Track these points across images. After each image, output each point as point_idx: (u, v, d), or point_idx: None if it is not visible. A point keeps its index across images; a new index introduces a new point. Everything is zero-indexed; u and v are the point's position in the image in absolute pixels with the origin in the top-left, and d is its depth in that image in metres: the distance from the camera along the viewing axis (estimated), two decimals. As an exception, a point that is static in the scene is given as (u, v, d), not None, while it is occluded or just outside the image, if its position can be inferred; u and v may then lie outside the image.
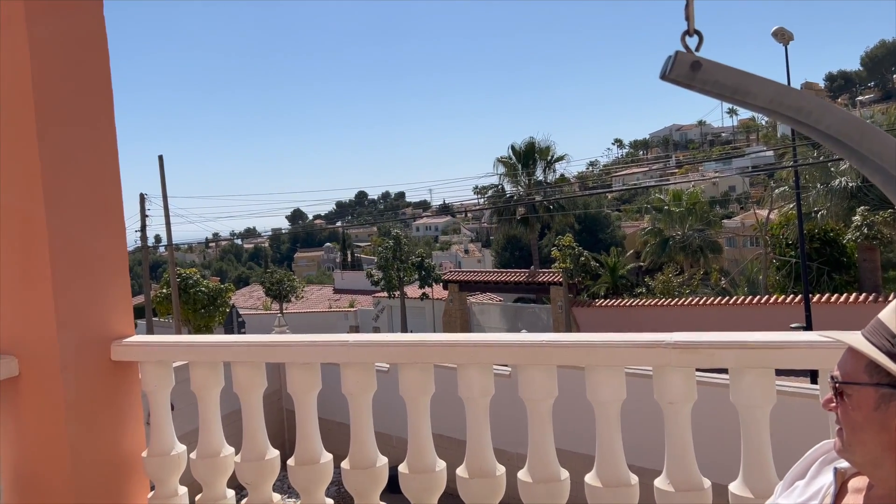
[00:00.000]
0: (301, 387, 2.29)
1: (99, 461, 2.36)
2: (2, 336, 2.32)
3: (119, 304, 2.48)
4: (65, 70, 2.34)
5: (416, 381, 2.14)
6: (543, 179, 33.01)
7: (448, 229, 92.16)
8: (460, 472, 2.10)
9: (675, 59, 0.96)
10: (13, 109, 2.24)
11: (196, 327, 27.56)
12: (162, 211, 25.27)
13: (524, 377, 2.02)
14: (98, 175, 2.43)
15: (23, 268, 2.27)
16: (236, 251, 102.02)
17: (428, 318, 30.31)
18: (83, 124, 2.39)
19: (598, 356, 1.93)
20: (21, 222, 2.26)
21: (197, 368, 2.40)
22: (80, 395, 2.30)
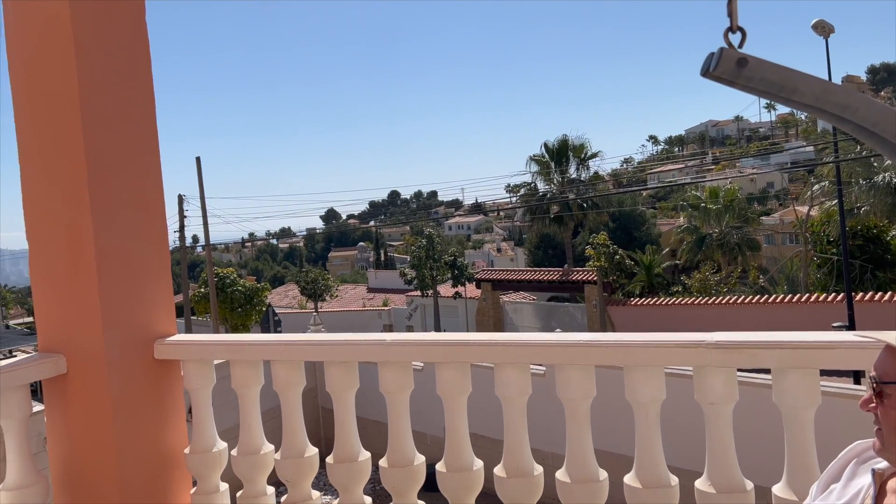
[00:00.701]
0: (339, 385, 2.31)
1: (143, 457, 2.42)
2: (51, 335, 2.39)
3: (162, 304, 2.53)
4: (109, 73, 2.39)
5: (454, 380, 2.15)
6: (577, 177, 32.76)
7: (480, 228, 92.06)
8: (498, 472, 2.11)
9: (721, 55, 0.95)
10: (60, 113, 2.31)
11: (233, 326, 28.00)
12: (199, 211, 25.71)
13: (562, 377, 2.01)
14: (141, 178, 2.49)
15: (70, 270, 2.33)
16: (272, 251, 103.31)
17: (461, 316, 30.32)
18: (127, 127, 2.45)
19: (637, 356, 1.91)
20: (68, 225, 2.32)
21: (238, 367, 2.44)
22: (125, 393, 2.36)
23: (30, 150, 2.39)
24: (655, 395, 1.95)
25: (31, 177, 2.39)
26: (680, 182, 55.41)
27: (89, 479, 2.35)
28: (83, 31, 2.28)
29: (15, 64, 2.38)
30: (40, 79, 2.35)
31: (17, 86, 2.38)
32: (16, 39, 2.37)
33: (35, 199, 2.38)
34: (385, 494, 2.34)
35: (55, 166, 2.34)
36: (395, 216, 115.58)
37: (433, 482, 2.21)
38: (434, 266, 30.88)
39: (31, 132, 2.38)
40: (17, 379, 2.26)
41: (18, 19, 2.35)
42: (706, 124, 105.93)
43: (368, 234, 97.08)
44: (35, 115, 2.37)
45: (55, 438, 2.41)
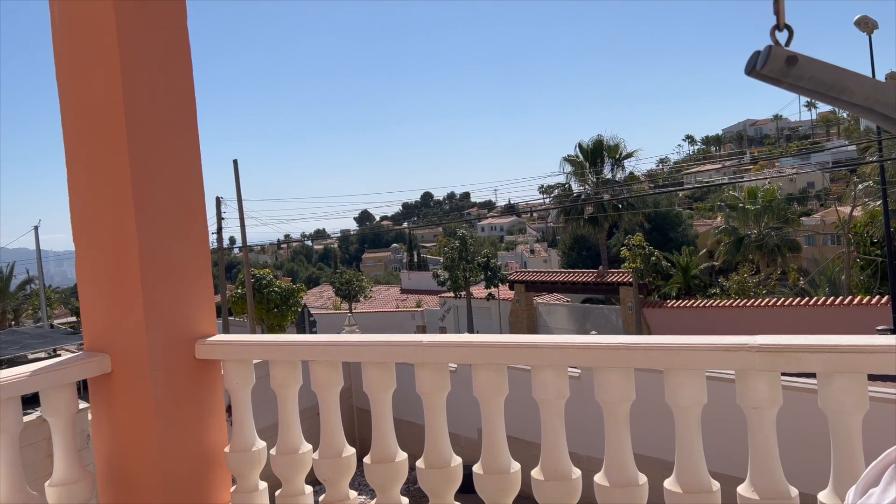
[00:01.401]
0: (376, 386, 2.33)
1: (185, 455, 2.46)
2: (96, 335, 2.45)
3: (203, 305, 2.57)
4: (152, 77, 2.44)
5: (490, 381, 2.14)
6: (612, 177, 32.45)
7: (513, 229, 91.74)
8: (535, 475, 2.09)
9: (769, 53, 0.92)
10: (105, 118, 2.36)
11: (269, 326, 28.36)
12: (237, 213, 26.10)
13: (600, 380, 2.00)
14: (183, 180, 2.53)
15: (114, 271, 2.38)
16: (307, 252, 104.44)
17: (494, 318, 30.25)
18: (170, 130, 2.49)
19: (677, 359, 1.89)
20: (112, 228, 2.38)
21: (277, 367, 2.46)
22: (166, 392, 2.41)
23: (76, 155, 2.45)
24: (696, 399, 1.92)
25: (77, 181, 2.45)
26: (717, 182, 54.53)
27: (133, 477, 2.40)
28: (127, 33, 2.33)
29: (61, 68, 2.44)
30: (86, 83, 2.41)
31: (63, 91, 2.44)
32: (62, 43, 2.43)
33: (81, 203, 2.44)
34: (421, 495, 2.35)
35: (100, 171, 2.40)
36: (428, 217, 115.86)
37: (470, 484, 2.21)
38: (467, 267, 30.87)
39: (77, 137, 2.44)
40: (64, 377, 2.32)
41: (64, 22, 2.41)
42: (744, 123, 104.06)
43: (402, 235, 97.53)
44: (81, 120, 2.43)
45: (100, 436, 2.46)
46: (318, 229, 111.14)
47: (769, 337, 1.81)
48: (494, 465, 2.15)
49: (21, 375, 2.19)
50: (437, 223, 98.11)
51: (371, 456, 2.34)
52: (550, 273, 30.86)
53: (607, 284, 25.05)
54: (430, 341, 2.22)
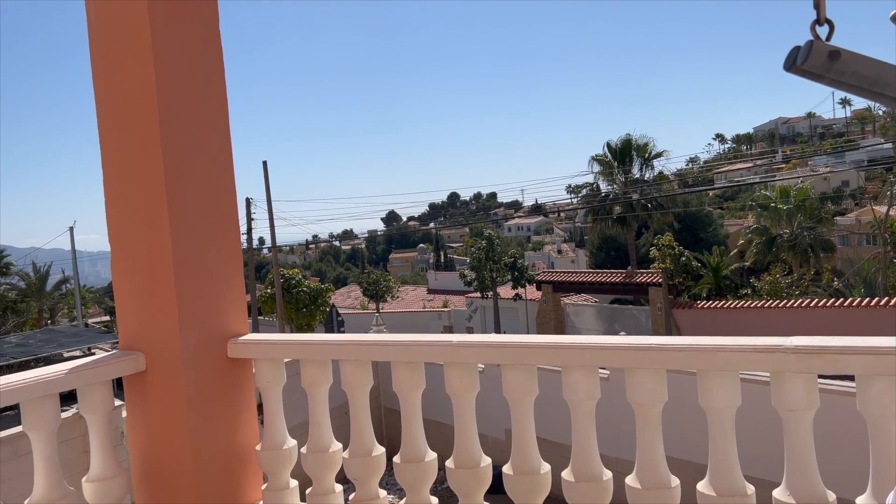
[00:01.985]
0: (406, 385, 2.33)
1: (217, 453, 2.49)
2: (130, 334, 2.49)
3: (235, 305, 2.60)
4: (185, 78, 2.47)
5: (520, 382, 2.13)
6: (641, 177, 32.14)
7: (540, 229, 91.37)
8: (566, 476, 2.08)
9: (811, 48, 0.90)
10: (139, 118, 2.40)
11: (298, 326, 28.62)
12: (266, 214, 26.37)
13: (632, 381, 1.98)
14: (215, 182, 2.56)
15: (149, 272, 2.42)
16: (334, 252, 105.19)
17: (521, 318, 30.15)
18: (202, 132, 2.52)
19: (710, 360, 1.86)
20: (146, 229, 2.41)
21: (308, 366, 2.48)
22: (199, 390, 2.44)
23: (111, 157, 2.49)
24: (730, 401, 1.89)
25: (112, 183, 2.49)
26: (748, 181, 53.71)
27: (167, 473, 2.44)
28: (161, 34, 2.36)
29: (97, 70, 2.48)
30: (120, 85, 2.44)
31: (99, 93, 2.48)
32: (97, 45, 2.47)
33: (116, 204, 2.48)
34: (450, 495, 2.34)
35: (134, 172, 2.44)
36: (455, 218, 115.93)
37: (499, 484, 2.21)
38: (494, 268, 30.82)
39: (111, 139, 2.48)
40: (100, 375, 2.36)
41: (99, 23, 2.46)
42: (776, 121, 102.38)
43: (428, 235, 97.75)
44: (115, 122, 2.47)
45: (135, 433, 2.50)
46: (346, 230, 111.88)
47: (806, 338, 1.77)
48: (524, 465, 2.14)
49: (59, 373, 2.24)
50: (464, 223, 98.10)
51: (401, 455, 2.34)
52: (578, 273, 30.65)
53: (636, 285, 24.82)
54: (459, 341, 2.22)
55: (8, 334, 29.94)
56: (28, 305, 38.95)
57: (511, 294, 30.79)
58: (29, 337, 27.27)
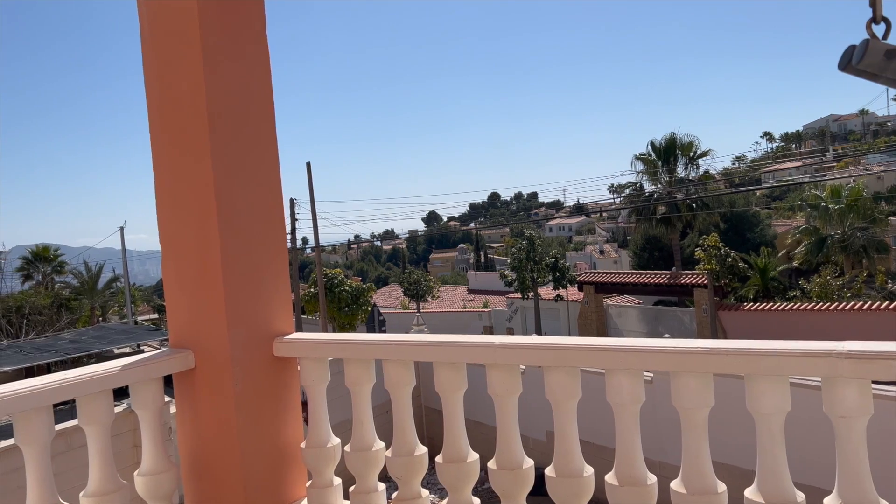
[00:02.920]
0: (448, 386, 2.34)
1: (263, 450, 2.54)
2: (180, 332, 2.56)
3: (280, 304, 2.65)
4: (233, 81, 2.52)
5: (563, 384, 2.12)
6: (686, 176, 31.59)
7: (582, 229, 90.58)
8: (609, 479, 2.06)
9: (867, 47, 0.87)
10: (189, 121, 2.45)
11: (340, 325, 28.92)
12: (309, 214, 26.71)
13: (677, 385, 1.95)
14: (262, 183, 2.61)
15: (198, 271, 2.48)
16: (376, 252, 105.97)
17: (562, 319, 29.93)
18: (250, 134, 2.57)
19: (759, 365, 1.82)
20: (196, 229, 2.47)
21: (351, 365, 2.51)
22: (246, 388, 2.49)
23: (161, 159, 2.56)
24: (780, 407, 1.85)
25: (163, 185, 2.56)
26: (798, 181, 52.33)
27: (215, 469, 2.49)
28: (210, 39, 2.41)
29: (149, 73, 2.55)
30: (171, 89, 2.50)
31: (150, 96, 2.55)
32: (149, 48, 2.54)
33: (167, 205, 2.55)
34: (491, 495, 2.34)
35: (184, 174, 2.50)
36: (495, 218, 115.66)
37: (541, 486, 2.20)
38: (535, 268, 30.64)
39: (162, 141, 2.55)
40: (152, 372, 2.43)
41: (152, 29, 2.52)
42: (826, 119, 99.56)
43: (468, 235, 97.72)
44: (166, 125, 2.53)
45: (184, 429, 2.57)
46: (387, 230, 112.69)
47: (859, 343, 1.73)
48: (567, 468, 2.13)
49: (113, 369, 2.31)
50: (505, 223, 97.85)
51: (443, 455, 2.35)
52: (621, 274, 30.28)
53: (680, 286, 24.40)
54: (501, 343, 2.21)
55: (62, 331, 30.95)
56: (81, 303, 40.17)
57: (552, 295, 30.57)
58: (82, 334, 28.15)
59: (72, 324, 34.39)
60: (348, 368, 2.53)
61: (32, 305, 33.12)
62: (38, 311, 33.00)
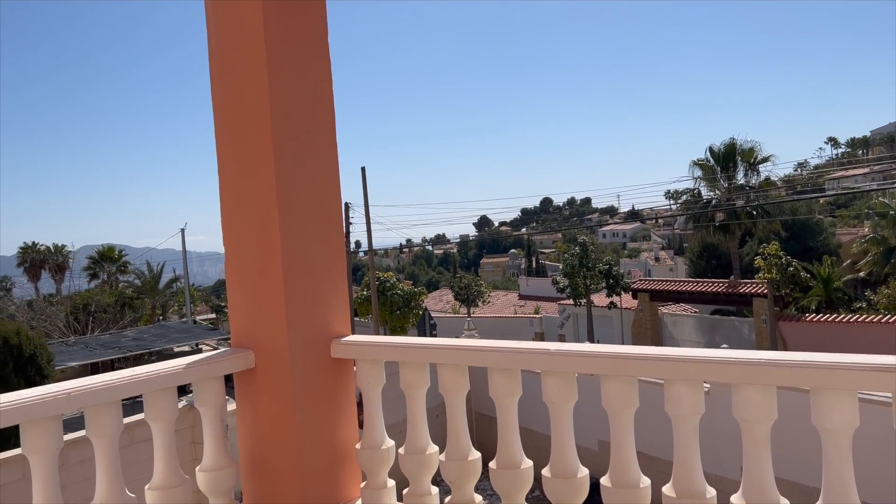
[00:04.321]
0: (503, 392, 2.34)
1: (320, 449, 2.58)
2: (242, 332, 2.62)
3: (338, 306, 2.69)
4: (295, 85, 2.56)
5: (621, 393, 2.10)
6: (746, 183, 30.76)
7: (637, 236, 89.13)
8: (667, 491, 2.03)
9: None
10: (253, 125, 2.52)
11: (392, 328, 29.15)
12: (363, 218, 27.04)
13: (740, 397, 1.90)
14: (322, 186, 2.66)
15: (260, 273, 2.54)
16: (427, 256, 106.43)
17: (616, 327, 29.48)
18: (310, 137, 2.62)
19: (826, 378, 1.77)
20: (259, 232, 2.54)
21: (406, 368, 2.53)
22: (304, 388, 2.53)
23: (227, 163, 2.63)
24: (847, 422, 1.79)
25: (227, 188, 2.63)
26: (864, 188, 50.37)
27: (273, 467, 2.55)
28: (274, 44, 2.47)
29: (215, 81, 2.63)
30: (237, 94, 2.57)
31: (217, 102, 2.63)
32: (217, 60, 2.62)
33: (231, 208, 2.62)
34: (543, 502, 2.33)
35: (248, 178, 2.57)
36: (548, 223, 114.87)
37: (594, 495, 2.17)
38: (588, 274, 30.25)
39: (228, 146, 2.62)
40: (214, 371, 2.50)
41: (218, 37, 2.60)
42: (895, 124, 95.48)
43: (520, 241, 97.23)
44: (231, 130, 2.61)
45: (244, 427, 2.63)
46: (439, 234, 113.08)
47: (935, 359, 1.66)
48: (624, 478, 2.10)
49: (178, 367, 2.38)
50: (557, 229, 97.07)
51: (497, 461, 2.35)
52: (677, 282, 29.60)
53: (739, 295, 23.74)
54: (557, 350, 2.20)
55: (125, 328, 32.07)
56: (143, 302, 41.53)
57: (605, 302, 30.14)
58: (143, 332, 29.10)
59: (134, 322, 35.58)
60: (403, 371, 2.55)
61: (98, 303, 34.41)
62: (102, 309, 34.26)
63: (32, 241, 53.80)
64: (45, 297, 43.80)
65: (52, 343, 23.57)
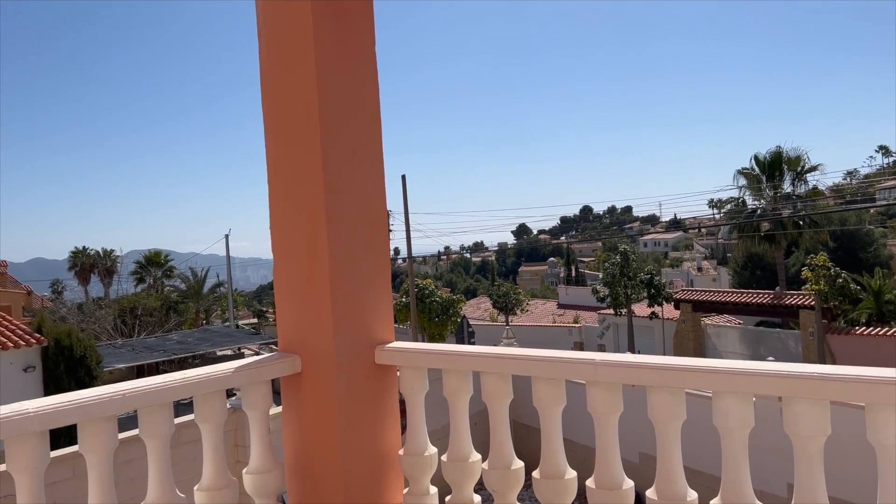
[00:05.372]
0: (547, 401, 2.33)
1: (363, 455, 2.60)
2: (289, 337, 2.67)
3: (382, 313, 2.72)
4: (344, 93, 2.59)
5: (668, 405, 2.07)
6: (792, 192, 30.07)
7: (679, 245, 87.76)
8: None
9: None
10: (302, 133, 2.56)
11: (430, 335, 29.22)
12: (402, 225, 27.21)
13: (791, 411, 1.86)
14: (368, 193, 2.68)
15: (307, 279, 2.58)
16: (465, 264, 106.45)
17: (657, 338, 29.05)
18: (357, 144, 2.65)
19: (883, 394, 1.72)
20: (307, 238, 2.58)
21: (450, 376, 2.54)
22: (349, 393, 2.56)
23: (277, 172, 2.68)
24: (906, 439, 1.74)
25: (277, 196, 2.68)
26: (918, 197, 48.73)
27: (317, 470, 2.58)
28: (323, 54, 2.51)
29: (266, 90, 2.68)
30: (287, 103, 2.62)
31: (267, 113, 2.68)
32: (267, 64, 2.67)
33: (280, 215, 2.67)
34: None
35: (297, 185, 2.61)
36: (587, 232, 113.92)
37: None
38: (629, 284, 29.90)
39: (277, 155, 2.67)
40: (262, 375, 2.54)
41: (268, 39, 2.66)
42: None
43: (559, 249, 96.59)
44: (282, 139, 2.66)
45: (289, 431, 2.67)
46: (477, 242, 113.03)
47: None
48: (670, 491, 2.07)
49: (227, 371, 2.43)
50: (597, 237, 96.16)
51: (540, 471, 2.34)
52: (721, 293, 29.04)
53: (785, 307, 23.21)
54: (603, 360, 2.19)
55: (170, 332, 32.78)
56: (187, 306, 42.45)
57: (646, 312, 29.73)
58: (188, 335, 29.70)
59: (179, 325, 36.35)
60: (447, 379, 2.56)
61: (144, 307, 35.27)
62: (149, 313, 35.10)
63: (83, 245, 55.50)
64: (94, 300, 45.08)
65: (101, 345, 24.23)
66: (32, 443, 1.95)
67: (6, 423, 1.88)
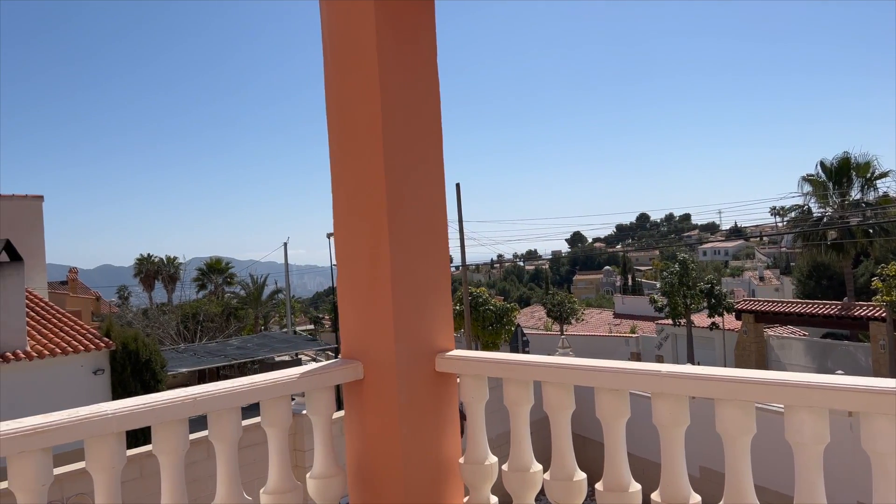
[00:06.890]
0: (610, 413, 2.30)
1: (424, 462, 2.62)
2: (351, 344, 2.71)
3: (442, 321, 2.73)
4: (406, 102, 2.62)
5: (737, 419, 2.02)
6: (861, 199, 28.92)
7: (740, 254, 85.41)
8: (787, 524, 1.93)
9: None
10: (366, 143, 2.60)
11: (484, 343, 29.16)
12: (456, 234, 27.29)
13: (869, 427, 1.79)
14: (429, 201, 2.71)
15: (369, 287, 2.62)
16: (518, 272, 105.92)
17: (717, 349, 28.30)
18: (419, 153, 2.67)
19: (971, 411, 1.64)
20: (369, 247, 2.61)
21: (511, 385, 2.54)
22: (410, 400, 2.58)
23: (341, 182, 2.73)
24: None
25: (341, 205, 2.73)
26: None
27: (379, 476, 2.61)
28: (386, 65, 2.54)
29: (330, 103, 2.73)
30: (351, 115, 2.66)
31: (332, 124, 2.73)
32: (332, 77, 2.73)
33: (344, 224, 2.72)
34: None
35: (360, 195, 2.65)
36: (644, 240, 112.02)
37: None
38: (688, 293, 29.23)
39: (341, 166, 2.72)
40: (326, 381, 2.59)
41: (333, 52, 2.71)
42: None
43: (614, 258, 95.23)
44: (346, 150, 2.70)
45: (352, 437, 2.71)
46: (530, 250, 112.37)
47: None
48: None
49: (292, 377, 2.49)
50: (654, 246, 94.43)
51: (604, 483, 2.31)
52: (785, 303, 28.10)
53: (854, 319, 22.30)
54: (668, 371, 2.15)
55: (230, 337, 33.61)
56: (247, 312, 43.45)
57: (706, 322, 29.01)
58: (247, 341, 30.40)
59: (238, 331, 37.21)
60: (507, 388, 2.55)
61: (206, 313, 36.25)
62: (210, 319, 36.06)
63: (148, 252, 57.59)
64: (158, 305, 46.61)
65: (165, 350, 25.02)
66: (111, 443, 2.03)
67: (87, 424, 1.96)
